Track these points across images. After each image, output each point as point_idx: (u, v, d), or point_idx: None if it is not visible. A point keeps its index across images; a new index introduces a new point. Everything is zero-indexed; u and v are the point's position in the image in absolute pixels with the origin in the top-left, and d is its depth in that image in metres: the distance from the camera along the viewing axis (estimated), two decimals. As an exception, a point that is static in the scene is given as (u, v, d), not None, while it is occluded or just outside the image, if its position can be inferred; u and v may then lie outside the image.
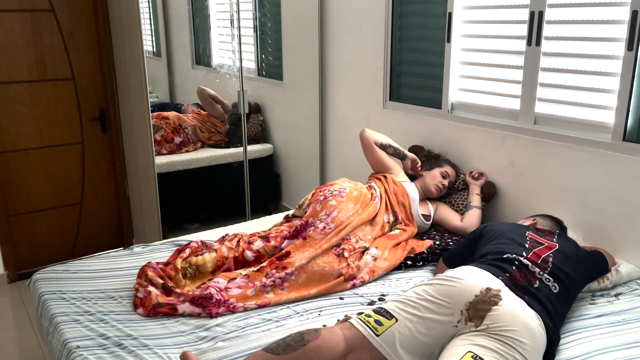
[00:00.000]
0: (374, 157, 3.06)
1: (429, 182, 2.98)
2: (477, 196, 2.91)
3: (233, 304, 2.16)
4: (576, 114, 2.58)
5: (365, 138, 3.07)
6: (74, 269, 2.49)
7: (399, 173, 3.02)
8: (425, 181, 3.00)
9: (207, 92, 4.34)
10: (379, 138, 3.07)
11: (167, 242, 2.82)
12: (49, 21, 3.57)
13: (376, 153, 3.05)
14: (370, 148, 3.06)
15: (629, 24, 2.28)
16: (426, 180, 2.99)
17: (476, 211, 2.85)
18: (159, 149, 4.11)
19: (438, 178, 2.97)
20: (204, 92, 4.34)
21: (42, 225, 3.84)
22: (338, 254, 2.42)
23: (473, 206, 2.87)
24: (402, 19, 3.36)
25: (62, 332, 1.99)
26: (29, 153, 3.67)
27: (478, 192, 2.93)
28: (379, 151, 3.05)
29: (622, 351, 1.85)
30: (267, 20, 4.41)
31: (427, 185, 2.98)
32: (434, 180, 2.97)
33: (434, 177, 2.98)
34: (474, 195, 2.92)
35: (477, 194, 2.92)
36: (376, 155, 3.05)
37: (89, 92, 3.80)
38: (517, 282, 1.87)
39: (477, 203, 2.88)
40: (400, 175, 3.02)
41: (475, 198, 2.90)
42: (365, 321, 1.80)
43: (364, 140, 3.07)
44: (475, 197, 2.91)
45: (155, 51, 4.47)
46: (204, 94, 4.34)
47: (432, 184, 2.97)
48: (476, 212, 2.85)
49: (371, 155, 3.07)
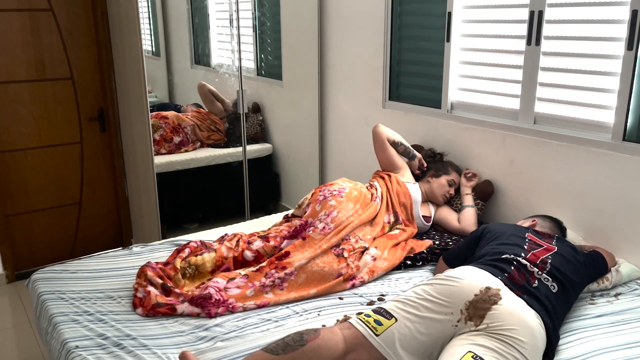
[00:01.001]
0: (384, 155, 3.04)
1: (437, 190, 2.97)
2: (468, 196, 2.91)
3: (232, 304, 2.16)
4: (576, 114, 2.58)
5: (378, 134, 3.05)
6: (73, 269, 2.48)
7: (405, 173, 3.01)
8: (432, 188, 2.98)
9: (207, 87, 4.34)
10: (391, 135, 3.06)
11: (166, 242, 2.81)
12: (48, 20, 3.56)
13: (388, 150, 3.03)
14: (382, 144, 3.04)
15: (629, 23, 2.28)
16: (433, 187, 2.98)
17: (470, 210, 2.85)
18: (158, 149, 4.10)
19: (446, 187, 2.96)
20: (204, 87, 4.34)
21: (41, 225, 3.83)
22: (337, 254, 2.42)
23: (466, 206, 2.87)
24: (401, 18, 3.35)
25: (61, 332, 1.99)
26: (27, 153, 3.67)
27: (468, 191, 2.93)
28: (390, 149, 3.04)
29: (621, 351, 1.84)
30: (266, 19, 4.41)
31: (435, 193, 2.97)
32: (442, 189, 2.96)
33: (442, 185, 2.97)
34: (464, 196, 2.92)
35: (468, 193, 2.92)
36: (387, 152, 3.03)
37: (88, 92, 3.80)
38: (516, 282, 1.87)
39: (469, 202, 2.88)
40: (406, 175, 3.00)
41: (466, 198, 2.90)
42: (364, 321, 1.79)
43: (377, 136, 3.05)
44: (466, 197, 2.91)
45: (155, 51, 4.46)
46: (205, 89, 4.34)
47: (439, 194, 2.96)
48: (470, 211, 2.84)
49: (382, 152, 3.05)
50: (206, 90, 4.33)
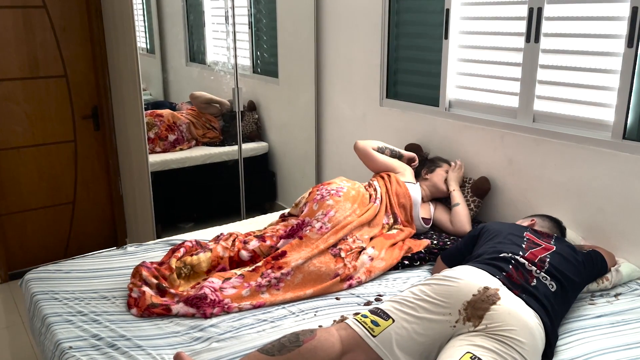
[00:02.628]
0: (376, 164, 3.03)
1: (439, 182, 2.97)
2: (455, 192, 2.91)
3: (228, 304, 2.15)
4: (575, 112, 2.57)
5: (361, 148, 3.05)
6: (66, 269, 2.47)
7: (405, 173, 3.00)
8: (434, 182, 2.98)
9: (201, 98, 4.33)
10: (373, 144, 3.07)
11: (161, 241, 2.80)
12: (41, 17, 3.55)
13: (377, 158, 3.03)
14: (369, 156, 3.03)
15: (629, 20, 2.27)
16: (434, 181, 2.98)
17: (459, 208, 2.84)
18: (152, 147, 4.10)
19: (445, 175, 3.00)
20: (198, 98, 4.33)
21: (34, 225, 3.82)
22: (335, 254, 2.41)
23: (455, 204, 2.86)
24: (399, 15, 3.34)
25: (55, 332, 1.98)
26: (20, 151, 3.65)
27: (454, 187, 2.93)
28: (379, 156, 3.03)
29: (622, 352, 1.84)
30: (262, 16, 4.40)
31: (437, 184, 2.97)
32: (442, 178, 2.99)
33: (441, 175, 2.99)
34: (451, 192, 2.92)
35: (453, 189, 2.92)
36: (377, 161, 3.02)
37: (82, 90, 3.79)
38: (514, 281, 1.87)
39: (457, 200, 2.87)
40: (407, 175, 2.99)
41: (454, 195, 2.89)
42: (361, 322, 1.79)
43: (361, 151, 3.05)
44: (453, 194, 2.90)
45: (149, 48, 4.45)
46: (198, 100, 4.33)
47: (442, 183, 2.98)
48: (459, 209, 2.83)
49: (373, 163, 3.04)
50: (200, 101, 4.33)
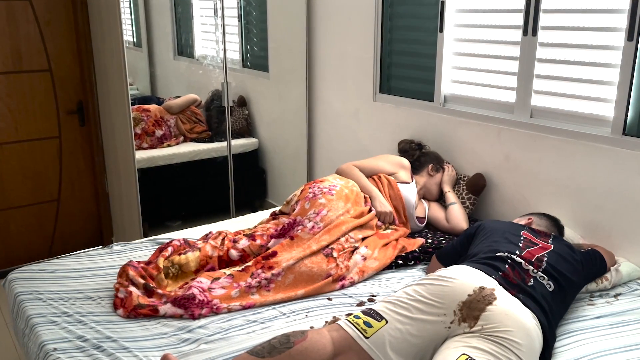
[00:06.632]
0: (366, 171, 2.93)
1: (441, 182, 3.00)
2: (449, 193, 2.93)
3: (216, 305, 2.14)
4: (574, 107, 2.58)
5: (344, 170, 2.93)
6: (51, 269, 2.47)
7: (399, 174, 2.95)
8: (438, 180, 3.00)
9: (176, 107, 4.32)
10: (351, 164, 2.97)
11: (148, 240, 2.80)
12: (25, 10, 3.51)
13: (364, 169, 2.93)
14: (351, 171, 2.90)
15: (629, 13, 2.28)
16: (439, 179, 3.00)
17: (454, 207, 2.85)
18: (139, 143, 4.10)
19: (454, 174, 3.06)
20: (172, 108, 4.32)
21: (18, 223, 3.79)
22: (327, 254, 2.39)
23: (450, 204, 2.88)
24: (392, 7, 3.35)
25: (39, 334, 1.97)
26: (3, 147, 3.61)
27: (447, 189, 2.95)
28: (364, 166, 2.94)
29: (622, 354, 1.83)
30: (252, 9, 4.42)
31: (439, 184, 3.00)
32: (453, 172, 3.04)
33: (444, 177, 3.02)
34: (446, 194, 2.93)
35: (448, 191, 2.94)
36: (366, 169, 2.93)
37: (67, 84, 3.75)
38: (510, 281, 1.87)
39: (451, 200, 2.89)
40: (401, 175, 2.94)
41: (448, 196, 2.92)
42: (354, 323, 1.78)
43: (344, 171, 2.92)
44: (448, 195, 2.92)
45: (136, 41, 4.47)
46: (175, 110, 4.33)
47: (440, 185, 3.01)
48: (455, 208, 2.84)
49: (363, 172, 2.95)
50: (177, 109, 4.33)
